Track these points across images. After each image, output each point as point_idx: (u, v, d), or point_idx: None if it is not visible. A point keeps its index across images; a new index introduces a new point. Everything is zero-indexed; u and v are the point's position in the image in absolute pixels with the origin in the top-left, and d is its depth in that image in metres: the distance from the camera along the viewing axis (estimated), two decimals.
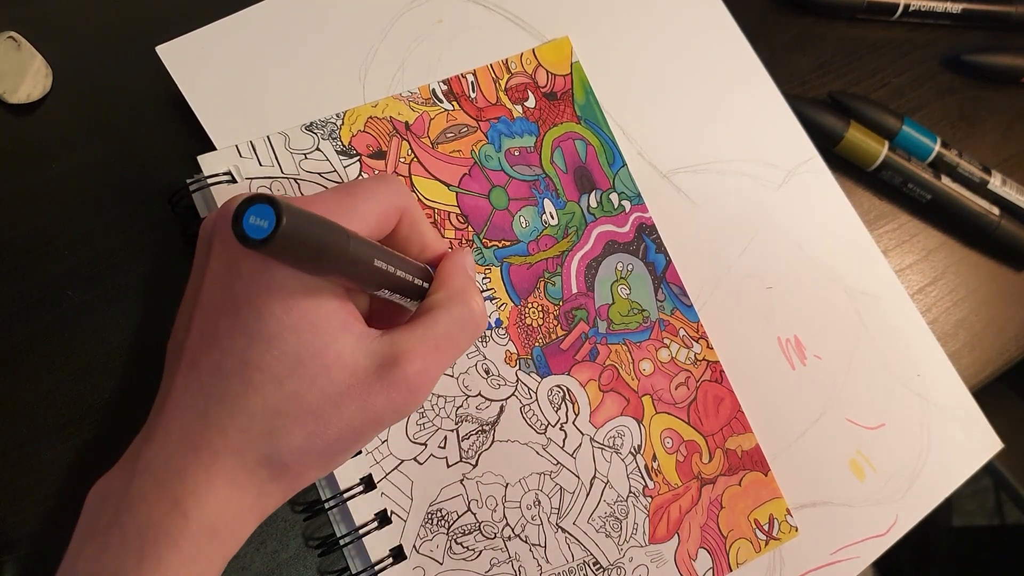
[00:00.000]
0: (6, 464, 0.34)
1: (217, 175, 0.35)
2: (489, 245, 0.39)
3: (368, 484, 0.35)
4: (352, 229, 0.28)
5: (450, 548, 0.36)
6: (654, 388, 0.40)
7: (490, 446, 0.37)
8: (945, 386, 0.45)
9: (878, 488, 0.43)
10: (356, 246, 0.27)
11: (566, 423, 0.38)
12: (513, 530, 0.37)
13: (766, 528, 0.41)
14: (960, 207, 0.48)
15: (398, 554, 0.35)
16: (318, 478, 0.30)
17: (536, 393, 0.38)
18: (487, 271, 0.39)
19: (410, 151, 0.39)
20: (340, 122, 0.38)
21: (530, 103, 0.41)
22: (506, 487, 0.37)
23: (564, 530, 0.37)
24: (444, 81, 0.40)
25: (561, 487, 0.38)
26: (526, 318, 0.39)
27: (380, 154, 0.38)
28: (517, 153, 0.40)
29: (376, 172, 0.38)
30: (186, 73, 0.37)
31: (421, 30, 0.41)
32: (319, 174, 0.37)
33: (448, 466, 0.36)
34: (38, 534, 0.34)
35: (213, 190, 0.35)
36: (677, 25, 0.45)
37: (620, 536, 0.38)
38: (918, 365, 0.45)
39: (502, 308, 0.39)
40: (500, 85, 0.41)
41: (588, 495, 0.38)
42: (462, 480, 0.36)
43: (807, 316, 0.44)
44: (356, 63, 0.39)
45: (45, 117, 0.38)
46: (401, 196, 0.31)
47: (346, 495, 0.35)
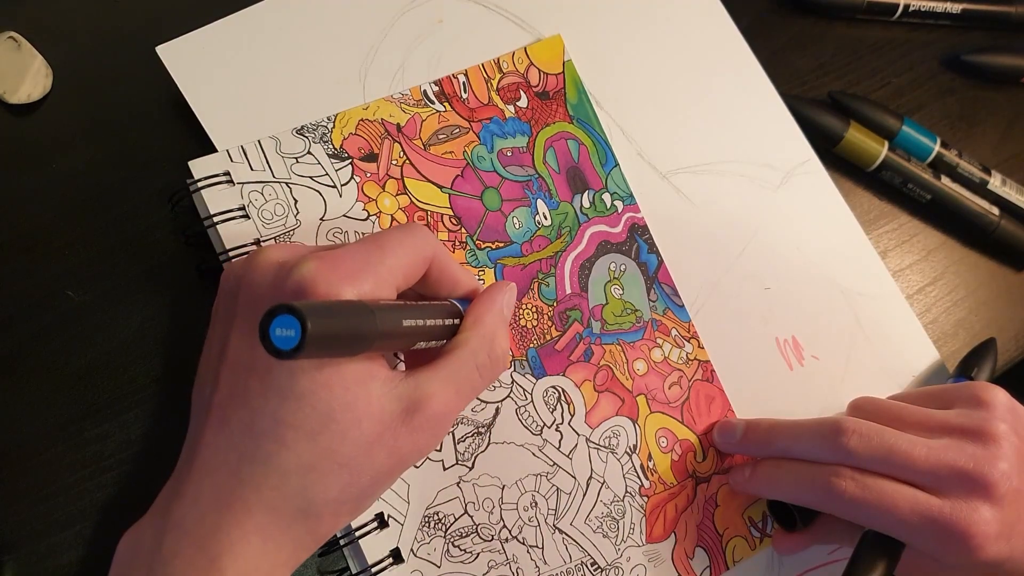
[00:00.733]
0: (6, 464, 0.34)
1: (217, 175, 0.35)
2: (482, 247, 0.39)
3: None
4: (382, 281, 0.28)
5: (448, 551, 0.36)
6: (648, 388, 0.40)
7: (486, 448, 0.37)
8: None
9: None
10: (383, 318, 0.27)
11: (562, 424, 0.38)
12: (510, 532, 0.37)
13: (760, 525, 0.41)
14: (960, 207, 0.48)
15: (396, 556, 0.35)
16: (349, 522, 0.31)
17: (531, 394, 0.38)
18: (480, 273, 0.39)
19: (402, 153, 0.38)
20: (331, 125, 0.38)
21: (522, 103, 0.41)
22: (503, 489, 0.37)
23: (561, 531, 0.37)
24: (435, 82, 0.40)
25: (558, 488, 0.38)
26: (520, 319, 0.39)
27: (372, 157, 0.38)
28: (510, 154, 0.40)
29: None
30: (186, 73, 0.37)
31: (421, 30, 0.41)
32: (311, 178, 0.37)
33: (444, 469, 0.36)
34: (38, 534, 0.34)
35: (213, 190, 0.35)
36: (676, 26, 0.45)
37: (617, 536, 0.38)
38: (913, 366, 0.45)
39: None
40: (492, 85, 0.41)
41: (585, 496, 0.38)
42: (459, 483, 0.36)
43: (805, 317, 0.44)
44: (356, 63, 0.39)
45: (45, 117, 0.38)
46: (429, 244, 0.31)
47: None
